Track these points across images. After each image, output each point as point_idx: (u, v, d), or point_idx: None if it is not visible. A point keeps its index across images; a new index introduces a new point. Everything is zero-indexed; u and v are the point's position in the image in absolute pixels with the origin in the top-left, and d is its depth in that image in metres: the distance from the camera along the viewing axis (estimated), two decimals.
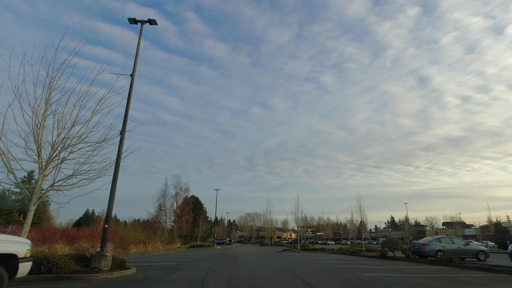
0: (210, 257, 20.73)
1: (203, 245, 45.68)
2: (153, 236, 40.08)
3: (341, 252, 28.06)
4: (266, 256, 22.53)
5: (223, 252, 29.00)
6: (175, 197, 58.87)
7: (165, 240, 42.33)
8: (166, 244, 43.68)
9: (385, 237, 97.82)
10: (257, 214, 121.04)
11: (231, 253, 27.69)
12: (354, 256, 24.27)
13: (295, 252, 30.20)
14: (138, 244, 31.60)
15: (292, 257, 22.12)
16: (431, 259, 17.81)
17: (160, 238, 40.40)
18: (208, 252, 29.22)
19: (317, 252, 30.01)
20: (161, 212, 56.63)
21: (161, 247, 37.50)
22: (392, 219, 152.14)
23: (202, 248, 42.62)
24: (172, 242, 50.28)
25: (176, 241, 54.01)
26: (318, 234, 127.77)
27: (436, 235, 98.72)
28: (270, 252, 30.98)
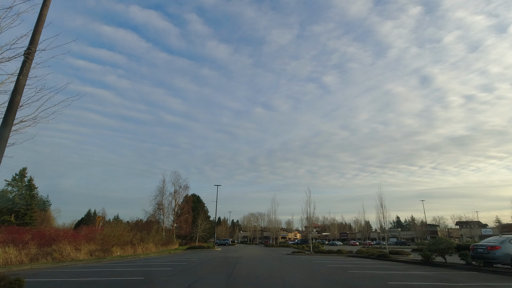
0: (203, 264, 15.76)
1: (201, 246, 40.67)
2: (147, 237, 35.26)
3: (365, 256, 22.94)
4: (277, 263, 17.48)
5: (222, 256, 24.02)
6: (174, 195, 54.00)
7: (160, 241, 37.42)
8: (162, 246, 38.83)
9: (395, 237, 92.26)
10: (261, 214, 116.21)
11: (232, 256, 22.70)
12: (385, 261, 19.13)
13: (308, 255, 25.12)
14: (125, 246, 26.73)
15: (310, 263, 17.04)
16: (506, 267, 12.70)
17: (154, 239, 35.51)
18: (204, 256, 24.28)
19: (333, 255, 24.91)
20: (158, 211, 51.78)
21: (154, 249, 32.59)
22: (397, 219, 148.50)
23: (200, 249, 37.64)
24: (169, 243, 45.45)
25: (174, 242, 49.15)
26: (324, 234, 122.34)
27: (449, 235, 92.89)
28: (278, 255, 25.92)
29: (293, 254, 26.59)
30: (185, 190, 55.92)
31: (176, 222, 54.89)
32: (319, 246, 37.77)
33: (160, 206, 52.02)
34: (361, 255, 23.59)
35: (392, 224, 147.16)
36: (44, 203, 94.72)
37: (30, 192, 65.67)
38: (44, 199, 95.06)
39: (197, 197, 72.44)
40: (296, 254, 26.52)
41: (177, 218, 56.10)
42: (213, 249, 39.01)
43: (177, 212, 58.53)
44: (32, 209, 55.69)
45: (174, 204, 53.85)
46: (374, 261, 19.33)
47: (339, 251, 26.14)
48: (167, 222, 52.84)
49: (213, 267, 14.11)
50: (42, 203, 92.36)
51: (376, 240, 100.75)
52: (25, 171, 64.27)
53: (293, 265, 15.30)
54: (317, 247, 37.60)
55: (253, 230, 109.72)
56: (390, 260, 19.06)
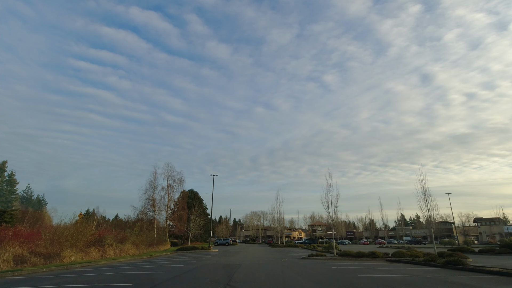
0: (178, 279, 8.81)
1: (194, 247, 33.56)
2: (129, 236, 28.40)
3: (410, 261, 15.96)
4: (297, 276, 10.49)
5: (215, 261, 17.07)
6: (167, 189, 47.03)
7: (145, 241, 30.48)
8: (149, 247, 31.98)
9: (408, 235, 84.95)
10: (263, 212, 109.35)
11: (228, 264, 15.74)
12: (465, 272, 12.06)
13: (332, 260, 18.11)
14: (88, 249, 19.81)
15: (358, 280, 10.00)
16: None
17: (137, 239, 28.61)
18: (190, 261, 17.32)
19: (368, 260, 17.87)
20: (149, 207, 44.87)
21: (134, 251, 25.63)
22: (402, 217, 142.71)
23: (193, 251, 30.63)
24: (160, 244, 38.59)
25: (166, 242, 42.22)
26: (329, 233, 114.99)
27: (465, 233, 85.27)
28: (292, 260, 18.92)
29: (311, 258, 19.49)
30: (179, 184, 48.92)
31: (170, 219, 48.04)
32: (336, 246, 30.70)
33: (151, 201, 45.15)
34: (406, 260, 16.56)
35: (396, 222, 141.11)
36: (40, 202, 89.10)
37: (11, 188, 59.02)
38: (40, 198, 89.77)
39: (195, 193, 65.41)
40: (314, 258, 19.43)
41: (171, 215, 49.33)
42: (208, 250, 31.99)
43: (173, 208, 51.74)
44: (13, 207, 49.16)
45: (167, 200, 46.88)
46: (435, 269, 12.24)
47: (373, 253, 18.99)
48: (159, 219, 45.95)
49: None
50: (37, 202, 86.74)
51: (386, 239, 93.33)
52: (5, 165, 57.76)
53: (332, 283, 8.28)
54: (335, 247, 30.52)
55: (255, 229, 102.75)
56: (473, 271, 11.97)
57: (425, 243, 70.25)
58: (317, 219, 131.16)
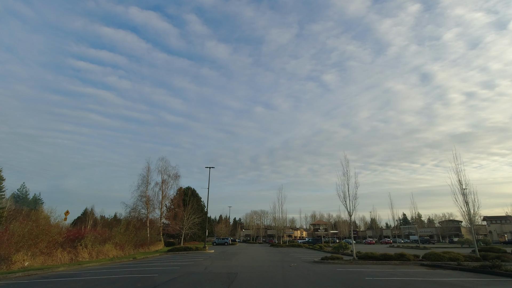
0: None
1: (188, 247, 29.65)
2: (113, 236, 24.67)
3: (457, 267, 12.22)
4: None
5: (204, 268, 13.31)
6: (161, 185, 43.23)
7: (132, 240, 26.71)
8: (138, 247, 28.30)
9: (415, 235, 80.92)
10: (264, 212, 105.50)
11: (221, 270, 11.96)
12: None
13: (353, 264, 14.32)
14: (54, 251, 16.05)
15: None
16: None
17: (123, 239, 24.85)
18: (176, 266, 13.57)
19: (398, 265, 14.08)
20: (141, 204, 41.10)
21: (115, 252, 21.84)
22: (404, 216, 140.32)
23: (186, 252, 26.80)
24: (153, 244, 34.90)
25: (158, 243, 38.46)
26: (331, 232, 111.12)
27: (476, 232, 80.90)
28: (300, 263, 15.12)
29: (326, 262, 15.62)
30: (175, 180, 45.06)
31: (165, 217, 44.30)
32: (347, 245, 26.93)
33: (144, 198, 41.38)
34: (456, 266, 12.77)
35: (397, 222, 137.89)
36: (36, 201, 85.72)
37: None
38: (37, 197, 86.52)
39: (193, 190, 61.64)
40: (330, 262, 15.57)
41: (167, 213, 45.60)
42: (203, 251, 28.16)
43: (169, 206, 47.99)
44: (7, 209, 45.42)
45: (162, 196, 43.08)
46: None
47: (402, 256, 15.16)
48: (153, 217, 42.16)
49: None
50: (33, 201, 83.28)
51: (391, 238, 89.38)
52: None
53: None
54: (346, 247, 26.75)
55: (256, 228, 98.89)
56: None
57: (433, 242, 66.45)
58: (318, 218, 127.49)
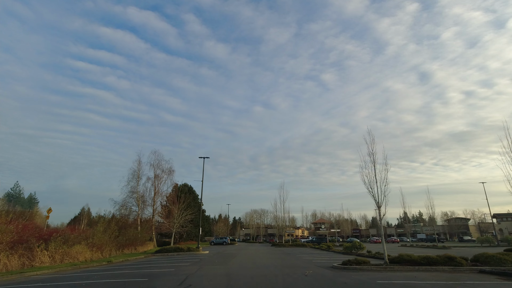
0: None
1: (179, 248, 25.58)
2: (89, 235, 20.87)
3: None
4: None
5: (183, 278, 9.52)
6: (154, 180, 39.42)
7: (114, 241, 22.89)
8: (124, 247, 24.56)
9: (421, 233, 77.20)
10: (264, 211, 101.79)
11: (208, 284, 8.16)
12: None
13: (389, 272, 10.56)
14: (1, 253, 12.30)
15: None
16: None
17: (101, 238, 21.03)
18: (146, 277, 9.83)
19: (451, 272, 10.36)
20: (131, 201, 37.33)
21: (87, 255, 17.98)
22: (405, 215, 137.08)
23: (176, 253, 22.96)
24: (143, 243, 31.15)
25: (149, 242, 34.68)
26: (333, 231, 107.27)
27: (481, 229, 77.46)
28: (316, 270, 11.35)
29: (353, 269, 11.72)
30: (169, 175, 41.23)
31: (157, 215, 40.48)
32: (361, 245, 23.14)
33: (134, 194, 37.61)
34: None
35: (398, 220, 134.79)
36: (31, 200, 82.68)
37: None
38: (32, 196, 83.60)
39: (189, 187, 57.77)
40: (357, 269, 11.68)
41: (161, 211, 41.82)
42: (196, 252, 24.30)
43: (164, 204, 44.15)
44: None
45: (154, 193, 39.28)
46: None
47: (450, 259, 11.38)
48: (144, 215, 38.38)
49: None
50: (28, 201, 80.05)
51: (395, 236, 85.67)
52: None
53: None
54: (360, 246, 22.96)
55: (256, 227, 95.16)
56: None
57: (443, 241, 62.66)
58: (318, 217, 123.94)
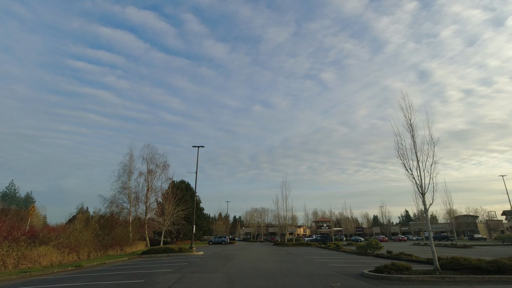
0: None
1: (168, 248, 22.16)
2: (65, 235, 17.82)
3: None
4: None
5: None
6: (147, 175, 36.27)
7: (93, 241, 19.79)
8: (107, 248, 21.48)
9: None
10: (265, 209, 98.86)
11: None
12: None
13: (448, 284, 7.51)
14: None
15: None
16: None
17: (78, 238, 17.95)
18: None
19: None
20: (122, 197, 34.20)
21: (55, 258, 14.87)
22: (406, 213, 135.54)
23: (165, 255, 19.82)
24: (131, 243, 28.05)
25: (142, 242, 31.60)
26: (335, 230, 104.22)
27: (490, 227, 74.48)
28: (348, 282, 8.23)
29: (392, 278, 8.50)
30: (163, 170, 38.01)
31: (151, 213, 37.35)
32: (378, 244, 19.99)
33: (125, 190, 34.49)
34: None
35: (400, 219, 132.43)
36: (27, 199, 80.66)
37: None
38: (29, 195, 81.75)
39: (187, 184, 54.60)
40: (398, 277, 8.47)
41: (157, 208, 38.68)
42: (188, 253, 21.16)
43: (160, 201, 41.01)
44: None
45: (147, 189, 36.12)
46: None
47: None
48: (137, 212, 35.24)
49: None
50: (24, 200, 77.92)
51: (398, 235, 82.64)
52: None
53: None
54: (377, 246, 19.84)
55: (257, 226, 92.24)
56: None
57: (452, 239, 59.58)
58: (319, 215, 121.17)
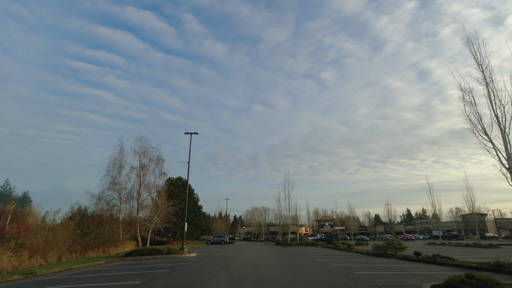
0: None
1: (155, 250, 18.86)
2: (26, 235, 14.87)
3: None
4: None
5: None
6: (139, 170, 33.22)
7: (65, 241, 16.81)
8: (88, 249, 18.55)
9: (434, 230, 71.01)
10: (265, 208, 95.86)
11: None
12: None
13: None
14: None
15: None
16: None
17: (49, 239, 14.98)
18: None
19: None
20: (111, 193, 31.22)
21: (5, 263, 11.92)
22: (408, 212, 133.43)
23: (151, 257, 16.78)
24: (118, 244, 25.09)
25: (129, 242, 28.56)
26: (337, 229, 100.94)
27: (499, 226, 71.30)
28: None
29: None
30: (157, 165, 34.84)
31: (141, 210, 34.37)
32: (401, 244, 16.93)
33: (115, 186, 31.51)
34: None
35: (401, 218, 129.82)
36: (23, 199, 78.56)
37: None
38: (26, 195, 79.73)
39: (184, 180, 51.61)
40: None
41: (145, 206, 35.75)
42: (178, 255, 18.09)
43: (154, 199, 38.03)
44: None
45: (139, 185, 33.06)
46: None
47: None
48: (126, 210, 32.22)
49: None
50: (20, 200, 75.97)
51: (403, 234, 79.56)
52: None
53: None
54: (400, 246, 16.80)
55: (257, 225, 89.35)
56: None
57: (462, 238, 56.60)
58: (321, 214, 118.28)
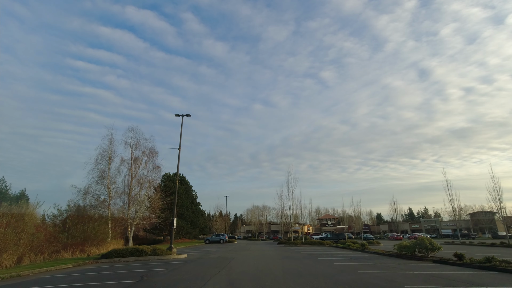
0: None
1: (138, 250, 15.83)
2: None
3: None
4: None
5: None
6: (131, 163, 30.28)
7: (32, 242, 14.03)
8: (57, 252, 15.79)
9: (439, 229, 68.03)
10: (266, 207, 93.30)
11: None
12: None
13: None
14: None
15: None
16: None
17: (19, 239, 12.20)
18: None
19: None
20: (100, 188, 28.37)
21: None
22: (410, 211, 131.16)
23: (133, 259, 13.98)
24: (101, 243, 22.34)
25: (116, 241, 25.78)
26: (339, 227, 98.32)
27: (510, 225, 68.23)
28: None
29: None
30: (150, 157, 31.73)
31: (132, 206, 31.56)
32: (433, 243, 14.01)
33: (104, 180, 28.68)
34: None
35: (403, 217, 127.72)
36: (20, 197, 75.98)
37: None
38: (23, 193, 77.34)
39: (181, 176, 48.82)
40: None
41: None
42: (166, 256, 15.24)
43: (151, 196, 35.27)
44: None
45: (130, 179, 30.15)
46: None
47: None
48: (117, 206, 29.38)
49: None
50: (16, 198, 73.49)
51: (409, 233, 76.74)
52: None
53: None
54: (433, 246, 13.86)
55: (258, 224, 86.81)
56: None
57: (474, 237, 53.77)
58: (322, 213, 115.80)
